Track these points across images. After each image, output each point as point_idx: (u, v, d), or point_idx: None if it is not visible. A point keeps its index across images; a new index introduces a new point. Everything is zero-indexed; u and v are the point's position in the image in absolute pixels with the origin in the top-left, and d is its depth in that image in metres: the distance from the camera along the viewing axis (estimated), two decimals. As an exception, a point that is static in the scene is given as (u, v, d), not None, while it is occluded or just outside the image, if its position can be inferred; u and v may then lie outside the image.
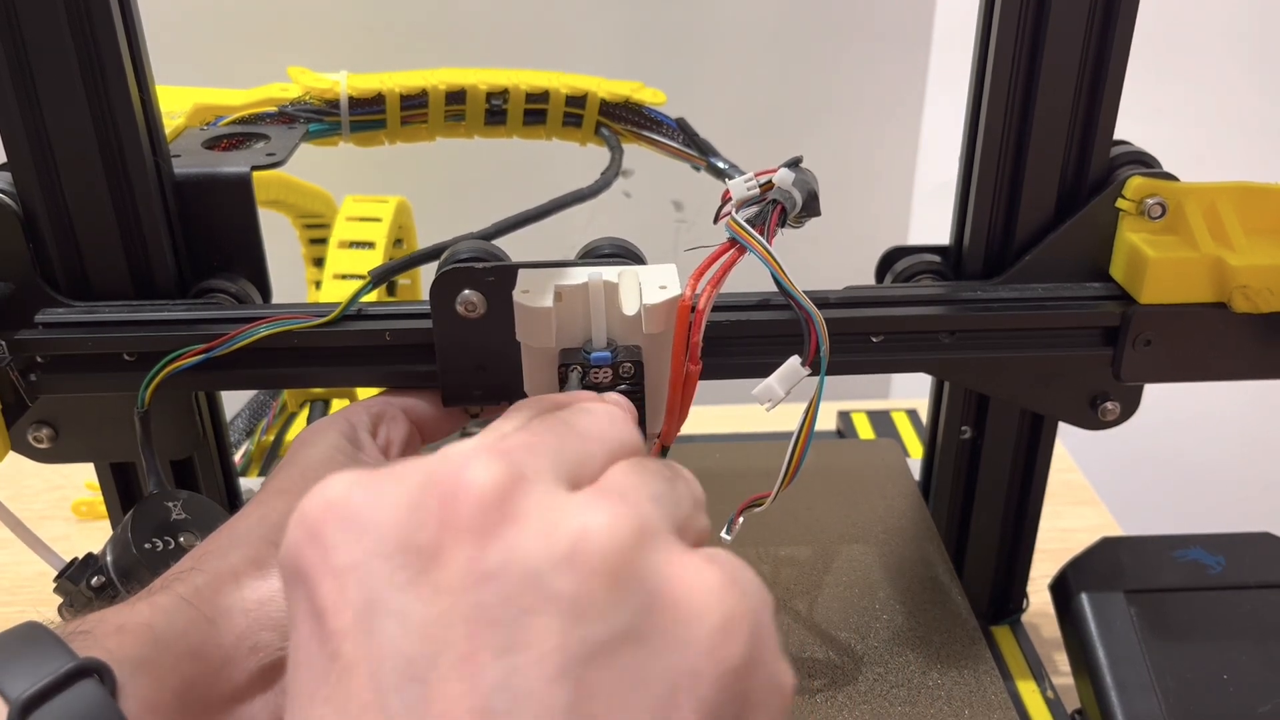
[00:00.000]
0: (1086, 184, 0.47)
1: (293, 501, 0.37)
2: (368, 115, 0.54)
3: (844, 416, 0.78)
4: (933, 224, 0.99)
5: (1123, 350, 0.46)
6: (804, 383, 0.38)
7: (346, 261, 0.65)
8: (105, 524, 0.53)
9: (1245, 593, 0.52)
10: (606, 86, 0.54)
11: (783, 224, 0.40)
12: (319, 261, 0.72)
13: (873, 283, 0.51)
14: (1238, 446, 1.08)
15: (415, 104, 0.54)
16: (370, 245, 0.66)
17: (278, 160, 0.47)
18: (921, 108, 1.10)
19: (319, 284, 0.68)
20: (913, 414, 0.78)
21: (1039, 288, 0.47)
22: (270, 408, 0.69)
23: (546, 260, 0.41)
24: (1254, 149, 0.98)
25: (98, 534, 0.54)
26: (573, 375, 0.39)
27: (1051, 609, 0.54)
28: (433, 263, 0.44)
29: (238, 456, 0.65)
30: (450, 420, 0.46)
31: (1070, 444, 0.78)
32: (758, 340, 0.44)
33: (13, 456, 0.46)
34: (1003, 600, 0.58)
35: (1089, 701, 0.50)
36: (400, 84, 0.53)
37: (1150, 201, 0.45)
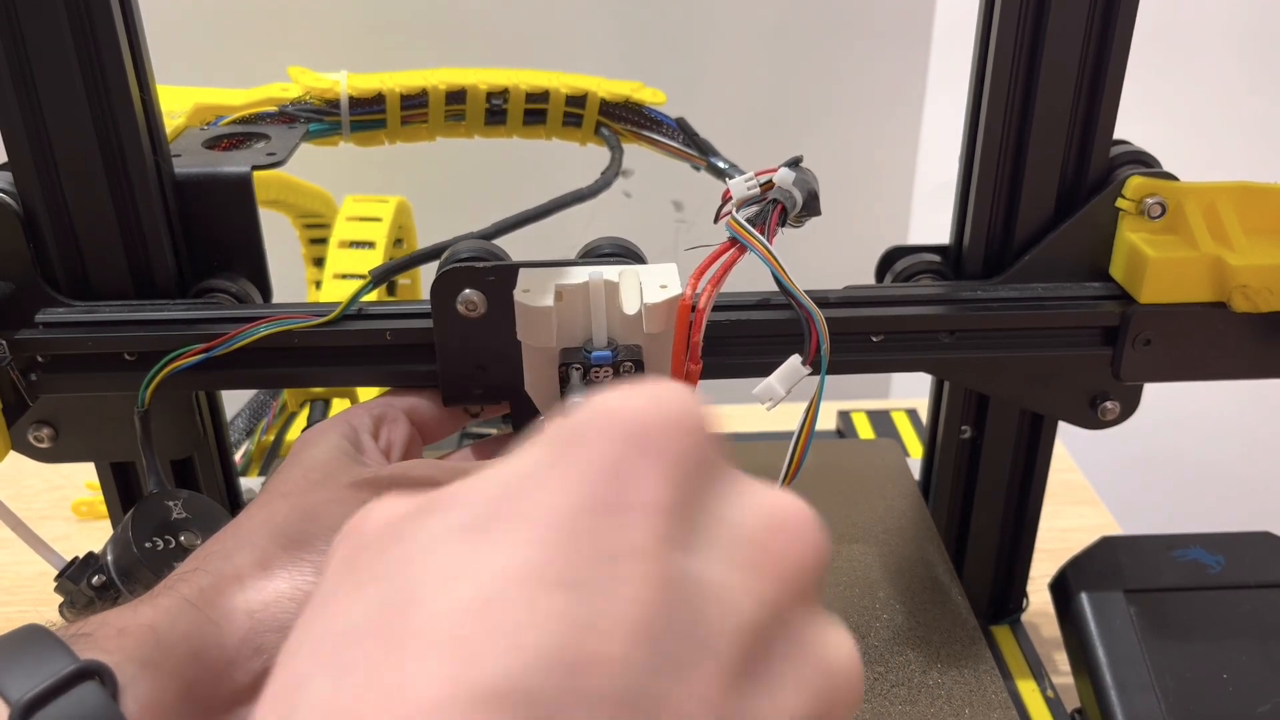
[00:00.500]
0: (1086, 184, 0.47)
1: (296, 502, 0.37)
2: (368, 115, 0.54)
3: (844, 416, 0.78)
4: (933, 224, 0.99)
5: (1122, 350, 0.46)
6: (804, 382, 0.39)
7: (346, 261, 0.65)
8: (105, 524, 0.53)
9: (1245, 592, 0.52)
10: (606, 86, 0.54)
11: (783, 223, 0.40)
12: (319, 261, 0.72)
13: (873, 282, 0.51)
14: (1238, 446, 1.08)
15: (415, 104, 0.54)
16: (370, 245, 0.66)
17: (278, 160, 0.47)
18: (921, 108, 1.10)
19: (319, 284, 0.68)
20: (913, 414, 0.78)
21: (1039, 287, 0.47)
22: (270, 408, 0.69)
23: (547, 260, 0.41)
24: (1254, 149, 0.98)
25: (98, 534, 0.54)
26: (573, 375, 0.39)
27: (1051, 608, 0.54)
28: (433, 263, 0.44)
29: (238, 456, 0.65)
30: (451, 421, 0.46)
31: (1070, 444, 0.78)
32: (758, 340, 0.44)
33: (13, 456, 0.46)
34: (1003, 600, 0.58)
35: (1089, 701, 0.50)
36: (400, 84, 0.53)
37: (1150, 201, 0.45)
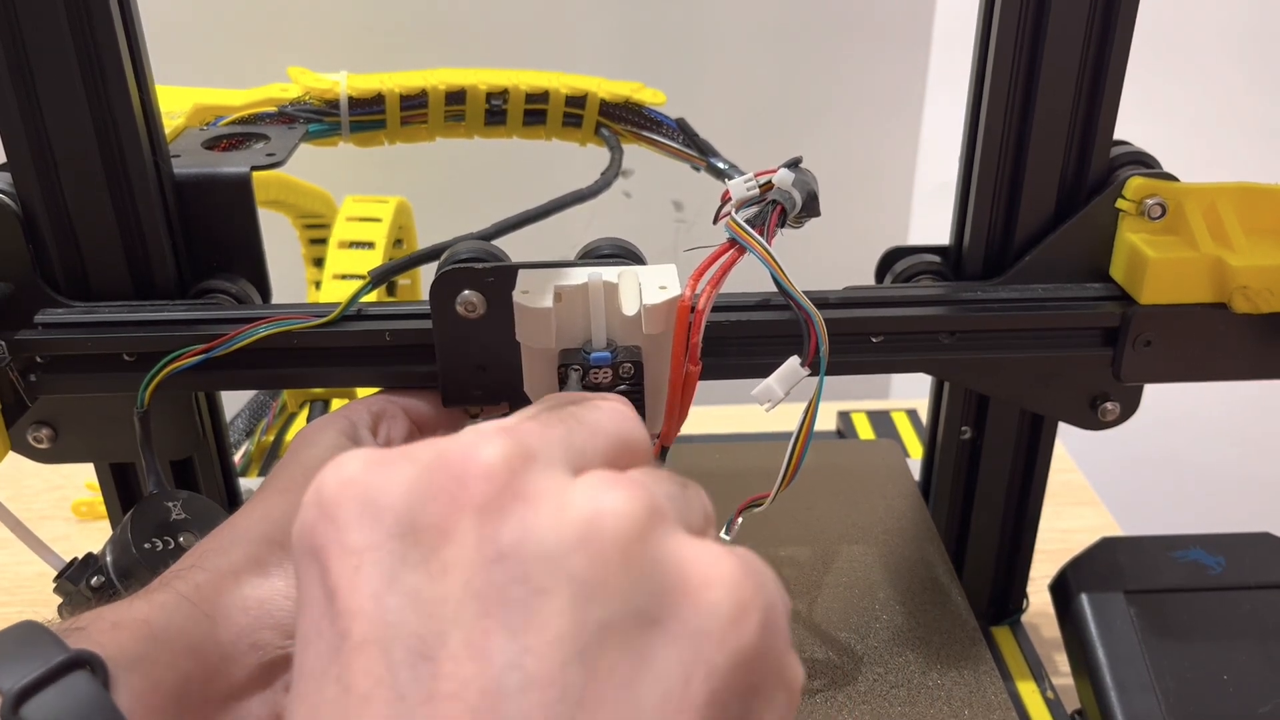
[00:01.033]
0: (1086, 184, 0.47)
1: (294, 499, 0.37)
2: (368, 115, 0.54)
3: (844, 417, 0.78)
4: (933, 224, 0.99)
5: (1123, 350, 0.46)
6: (803, 383, 0.39)
7: (346, 261, 0.65)
8: (105, 524, 0.53)
9: (1245, 593, 0.52)
10: (606, 87, 0.54)
11: (782, 224, 0.40)
12: (319, 261, 0.72)
13: (873, 283, 0.51)
14: (1238, 447, 1.08)
15: (415, 104, 0.54)
16: (370, 245, 0.66)
17: (278, 160, 0.47)
18: (921, 108, 1.10)
19: (319, 284, 0.68)
20: (913, 414, 0.78)
21: (1039, 288, 0.47)
22: (270, 408, 0.69)
23: (546, 260, 0.41)
24: (1254, 149, 0.98)
25: (98, 534, 0.54)
26: (573, 375, 0.39)
27: (1051, 609, 0.54)
28: (433, 263, 0.44)
29: (238, 456, 0.65)
30: (450, 420, 0.46)
31: (1070, 444, 0.78)
32: (757, 340, 0.44)
33: (13, 456, 0.46)
34: (1003, 600, 0.58)
35: (1089, 702, 0.50)
36: (400, 84, 0.53)
37: (1150, 202, 0.45)
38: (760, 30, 1.05)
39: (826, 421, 0.79)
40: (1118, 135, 0.46)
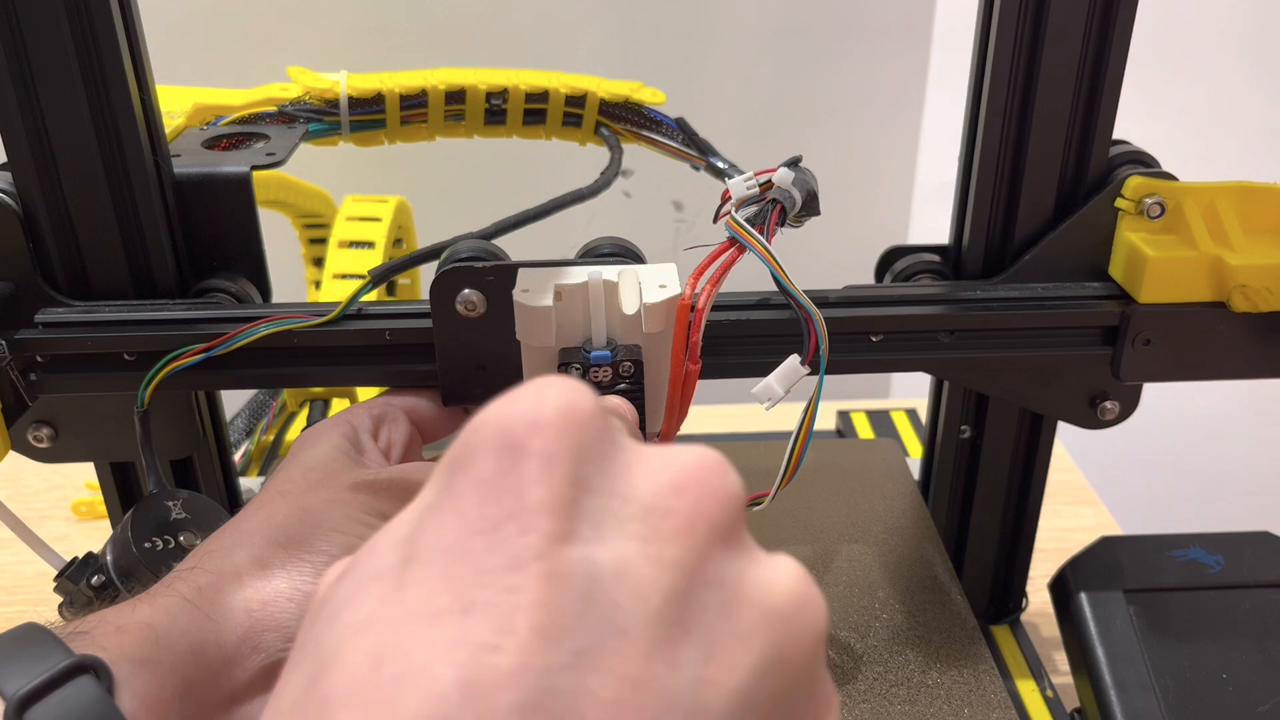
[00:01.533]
0: (1085, 184, 0.47)
1: (295, 501, 0.37)
2: (367, 115, 0.54)
3: (844, 416, 0.78)
4: (933, 224, 0.99)
5: (1122, 350, 0.46)
6: (803, 382, 0.39)
7: (346, 261, 0.65)
8: (105, 524, 0.53)
9: (1245, 592, 0.52)
10: (606, 86, 0.54)
11: (782, 223, 0.40)
12: (319, 261, 0.72)
13: (872, 282, 0.51)
14: (1237, 446, 1.08)
15: (415, 104, 0.54)
16: (370, 245, 0.66)
17: (278, 160, 0.47)
18: (921, 108, 1.10)
19: (319, 284, 0.68)
20: (912, 414, 0.78)
21: (1038, 287, 0.47)
22: (270, 407, 0.69)
23: (546, 260, 0.41)
24: (1254, 149, 0.98)
25: (98, 534, 0.54)
26: (573, 374, 0.39)
27: (1051, 608, 0.54)
28: (433, 262, 0.44)
29: (238, 456, 0.65)
30: (451, 420, 0.46)
31: (1070, 444, 0.78)
32: (757, 339, 0.44)
33: (13, 456, 0.46)
34: (1002, 600, 0.58)
35: (1088, 701, 0.50)
36: (400, 84, 0.53)
37: (1149, 201, 0.45)
38: (760, 30, 1.05)
39: (826, 421, 0.79)
40: (1117, 134, 0.46)
